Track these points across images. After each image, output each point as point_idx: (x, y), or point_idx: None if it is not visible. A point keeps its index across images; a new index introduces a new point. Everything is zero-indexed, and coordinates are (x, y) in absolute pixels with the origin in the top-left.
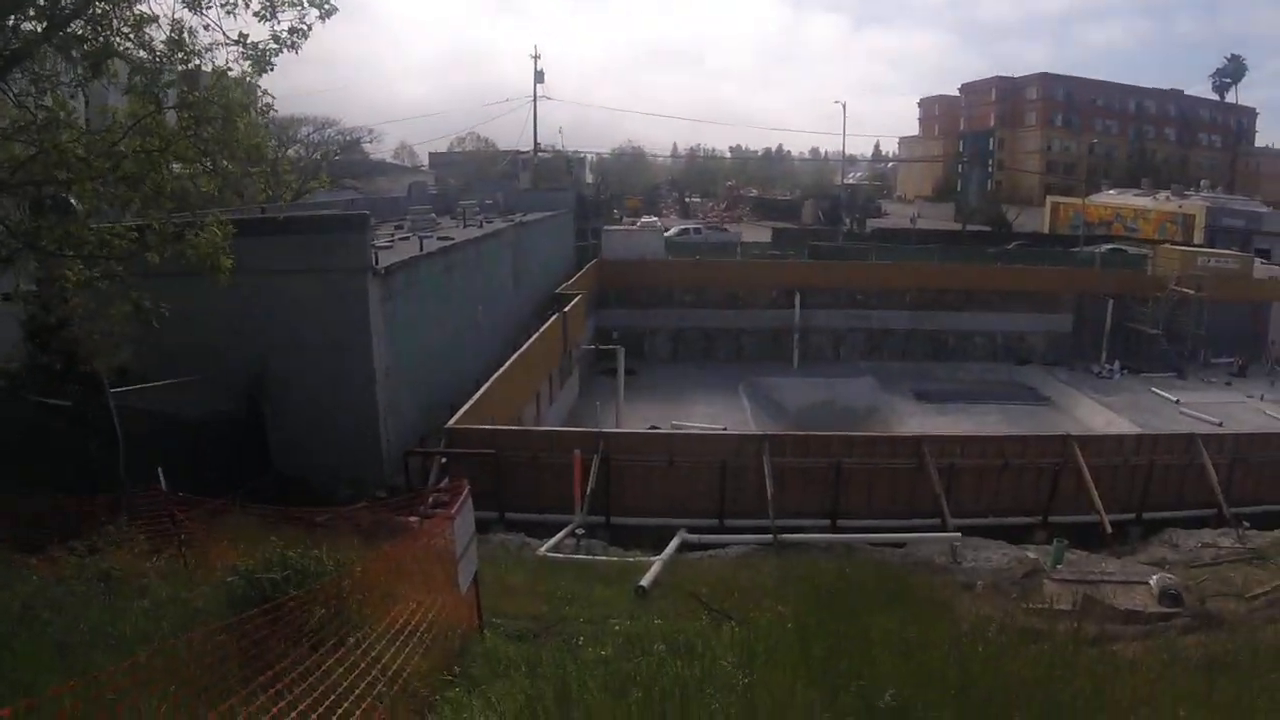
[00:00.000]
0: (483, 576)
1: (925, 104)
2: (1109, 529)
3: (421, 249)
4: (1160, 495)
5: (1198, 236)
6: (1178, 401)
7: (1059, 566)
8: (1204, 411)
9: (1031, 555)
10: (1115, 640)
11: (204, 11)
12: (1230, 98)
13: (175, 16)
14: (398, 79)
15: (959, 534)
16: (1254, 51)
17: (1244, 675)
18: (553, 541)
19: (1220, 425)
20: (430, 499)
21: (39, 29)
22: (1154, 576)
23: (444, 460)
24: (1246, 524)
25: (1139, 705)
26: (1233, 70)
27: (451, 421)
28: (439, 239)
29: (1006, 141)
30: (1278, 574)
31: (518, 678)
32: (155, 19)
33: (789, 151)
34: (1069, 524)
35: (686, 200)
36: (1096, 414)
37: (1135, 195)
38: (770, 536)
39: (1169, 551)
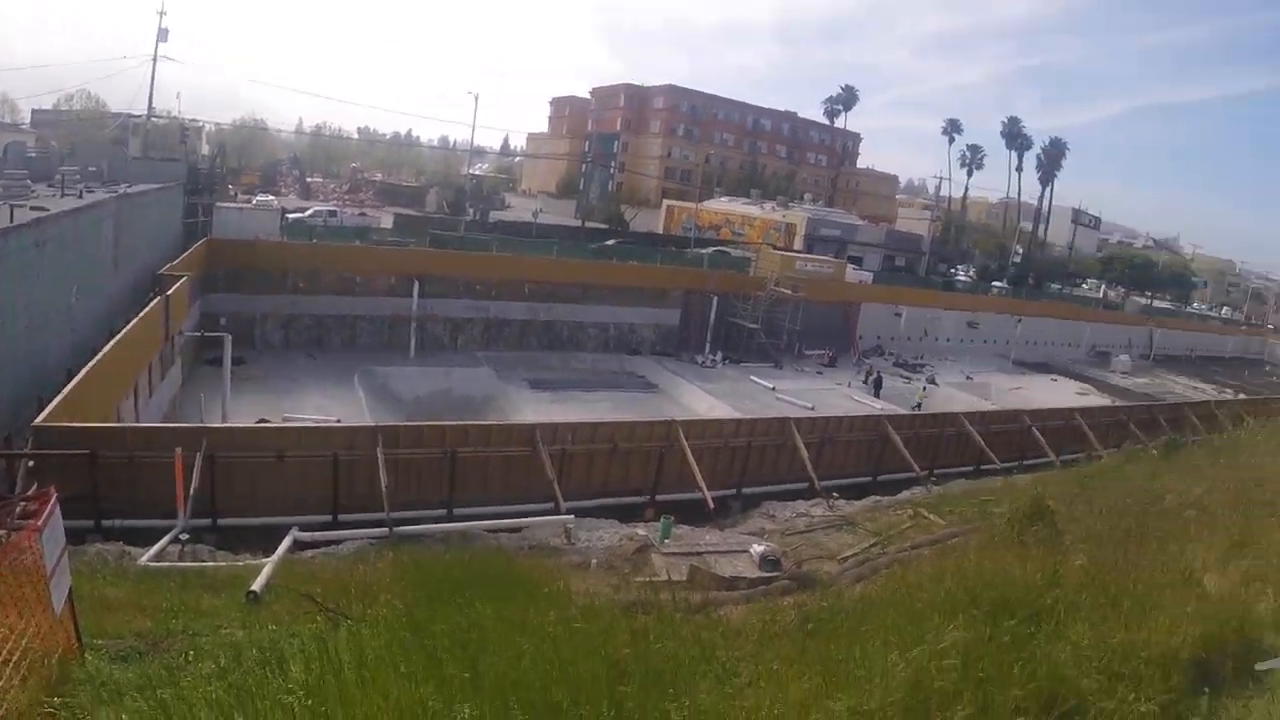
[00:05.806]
0: (79, 593)
1: (556, 103)
2: (712, 504)
3: (12, 220)
4: (758, 472)
5: (798, 243)
6: (774, 388)
7: (667, 541)
8: (798, 397)
9: (641, 532)
10: (721, 605)
11: None
12: (840, 123)
13: None
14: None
15: (572, 516)
16: (869, 83)
17: (834, 628)
18: (155, 549)
19: (812, 409)
20: (19, 508)
21: None
22: (754, 545)
23: (30, 463)
24: (835, 495)
25: (740, 662)
26: (845, 98)
27: (40, 418)
28: (31, 209)
29: (631, 145)
30: (865, 537)
31: (128, 702)
32: None
33: (418, 137)
34: (675, 501)
35: (308, 180)
36: (700, 400)
37: (744, 203)
38: (386, 530)
39: (767, 522)
